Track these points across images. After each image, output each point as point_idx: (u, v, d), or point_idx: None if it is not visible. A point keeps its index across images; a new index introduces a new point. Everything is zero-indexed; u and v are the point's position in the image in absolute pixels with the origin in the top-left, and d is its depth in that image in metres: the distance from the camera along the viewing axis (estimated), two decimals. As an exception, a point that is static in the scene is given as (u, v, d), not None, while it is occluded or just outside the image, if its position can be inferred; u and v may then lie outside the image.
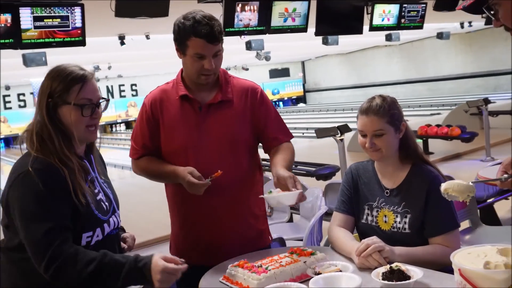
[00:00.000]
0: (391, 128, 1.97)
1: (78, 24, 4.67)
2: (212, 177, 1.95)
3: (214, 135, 2.07)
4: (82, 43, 4.78)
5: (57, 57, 4.51)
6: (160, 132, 2.13)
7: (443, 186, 1.57)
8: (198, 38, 1.95)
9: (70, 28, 4.63)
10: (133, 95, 22.52)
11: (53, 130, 1.67)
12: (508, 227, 4.03)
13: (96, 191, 1.76)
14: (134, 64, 16.22)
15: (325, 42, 8.45)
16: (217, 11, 5.47)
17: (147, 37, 8.28)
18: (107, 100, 1.79)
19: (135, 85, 22.86)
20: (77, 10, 4.64)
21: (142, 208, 6.12)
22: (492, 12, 1.29)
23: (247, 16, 5.52)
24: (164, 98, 2.15)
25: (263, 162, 2.87)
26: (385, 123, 1.96)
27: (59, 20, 4.56)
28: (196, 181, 1.96)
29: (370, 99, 2.02)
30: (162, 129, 2.12)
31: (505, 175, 1.48)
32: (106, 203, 1.78)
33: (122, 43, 8.07)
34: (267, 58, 13.89)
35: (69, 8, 4.58)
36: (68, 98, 1.68)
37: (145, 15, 5.00)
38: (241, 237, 2.13)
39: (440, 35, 12.13)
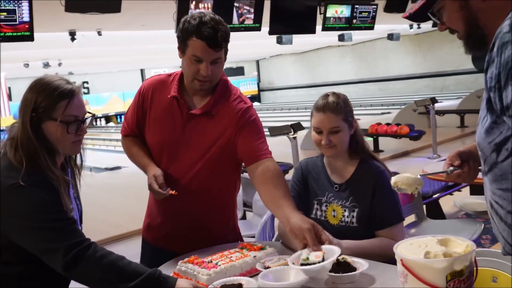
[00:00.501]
0: (345, 125, 2.01)
1: (26, 18, 4.53)
2: (169, 192, 1.96)
3: (192, 145, 2.03)
4: (30, 38, 4.64)
5: (6, 52, 4.37)
6: (145, 122, 2.11)
7: (393, 179, 1.60)
8: (199, 39, 1.87)
9: (17, 23, 4.49)
10: (85, 93, 21.99)
11: (39, 146, 1.63)
12: (451, 220, 4.20)
13: (71, 206, 1.74)
14: (85, 61, 15.86)
15: (279, 41, 8.53)
16: (171, 8, 5.42)
17: (99, 33, 8.13)
18: (93, 115, 1.75)
19: (87, 82, 22.35)
20: (25, 3, 4.50)
21: (91, 208, 6.01)
22: (436, 17, 1.35)
23: (201, 14, 5.50)
24: (160, 90, 2.09)
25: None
26: (341, 120, 2.00)
27: (5, 13, 4.41)
28: (156, 189, 1.96)
29: (324, 96, 2.05)
30: (148, 121, 2.10)
31: (451, 168, 1.53)
32: (76, 216, 1.79)
33: (73, 39, 7.87)
34: (222, 57, 13.84)
35: (16, 1, 4.44)
36: (53, 114, 1.63)
37: (96, 11, 4.91)
38: (221, 232, 2.16)
39: (390, 36, 12.45)
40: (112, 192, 7.59)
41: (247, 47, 16.65)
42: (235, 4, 5.77)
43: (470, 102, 11.91)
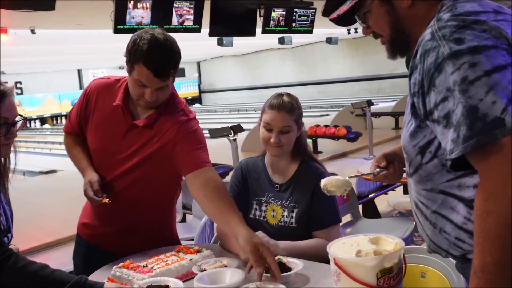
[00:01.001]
0: (295, 126, 2.04)
1: (-50, 14, 4.28)
2: (103, 201, 1.93)
3: (131, 154, 1.98)
4: (-45, 35, 4.38)
5: None
6: (87, 125, 2.07)
7: (323, 182, 1.64)
8: (146, 68, 1.80)
9: None
10: (17, 94, 21.04)
11: None
12: (385, 219, 4.35)
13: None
14: (18, 60, 15.18)
15: (220, 43, 8.53)
16: (108, 7, 5.29)
17: (33, 31, 7.80)
18: (25, 118, 1.67)
19: (20, 82, 21.41)
20: (-51, -1, 4.25)
21: (24, 214, 5.77)
22: (362, 20, 1.38)
23: (140, 13, 5.41)
24: (104, 95, 2.04)
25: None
26: (292, 121, 2.02)
27: None
28: (90, 195, 1.92)
29: (278, 95, 2.06)
30: (90, 125, 2.06)
31: (377, 169, 1.58)
32: (4, 222, 1.72)
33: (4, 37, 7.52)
34: (162, 58, 13.67)
35: None
36: None
37: (29, 8, 4.70)
38: (153, 238, 2.12)
39: (329, 40, 12.73)
40: (47, 197, 7.30)
41: (188, 49, 16.52)
42: (175, 4, 5.70)
43: (404, 104, 12.20)
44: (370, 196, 4.69)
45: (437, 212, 1.27)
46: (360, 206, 4.03)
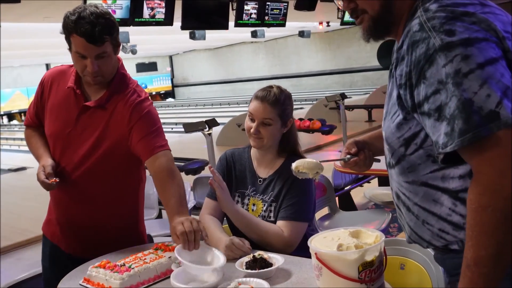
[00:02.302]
0: (279, 121, 2.01)
1: None
2: (51, 181, 1.89)
3: (85, 138, 1.97)
4: None
5: None
6: (44, 113, 2.07)
7: (294, 164, 1.62)
8: (78, 36, 1.83)
9: None
10: (-17, 89, 20.51)
11: None
12: (362, 211, 4.38)
13: None
14: (-17, 54, 14.76)
15: (192, 36, 8.45)
16: (75, 0, 5.18)
17: (-3, 25, 7.58)
18: None
19: (-15, 78, 20.86)
20: None
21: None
22: None
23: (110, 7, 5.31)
24: (58, 80, 2.05)
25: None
26: (275, 115, 1.99)
27: None
28: (42, 179, 1.88)
29: (268, 87, 2.05)
30: (45, 112, 2.06)
31: (348, 156, 1.57)
32: None
33: (-32, 31, 7.29)
34: (134, 52, 13.48)
35: None
36: None
37: (-7, 1, 4.57)
38: (116, 236, 2.06)
39: (301, 34, 12.74)
40: (17, 195, 7.14)
41: (160, 42, 16.33)
42: (146, -2, 5.63)
43: (376, 97, 12.51)
44: (346, 188, 4.72)
45: (419, 204, 1.27)
46: (336, 199, 4.05)
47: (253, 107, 2.02)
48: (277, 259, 1.68)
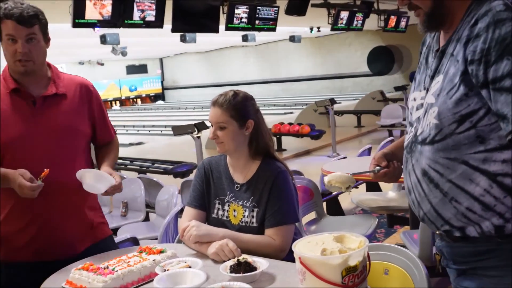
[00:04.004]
0: (234, 123, 2.01)
1: None
2: (41, 177, 1.84)
3: (52, 128, 2.00)
4: None
5: None
6: None
7: (327, 178, 1.66)
8: (8, 19, 1.91)
9: None
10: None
11: None
12: (349, 216, 4.40)
13: None
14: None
15: (183, 39, 8.44)
16: (66, 1, 5.15)
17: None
18: None
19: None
20: None
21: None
22: None
23: (100, 8, 5.28)
24: None
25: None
26: (228, 117, 2.00)
27: None
28: (28, 184, 1.82)
29: (224, 93, 2.06)
30: None
31: (378, 167, 1.62)
32: None
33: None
34: (124, 54, 13.48)
35: None
36: None
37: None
38: (78, 231, 2.06)
39: (292, 38, 12.78)
40: None
41: (150, 45, 16.30)
42: (136, 0, 5.60)
43: (365, 103, 12.59)
44: (333, 193, 4.73)
45: (453, 181, 1.30)
46: (324, 204, 4.06)
47: (209, 113, 2.06)
48: (261, 263, 1.68)
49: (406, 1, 1.37)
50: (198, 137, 5.50)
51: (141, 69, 24.65)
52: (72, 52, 16.59)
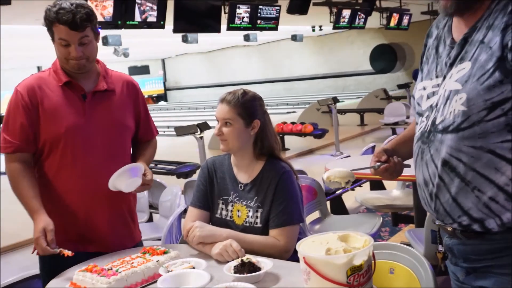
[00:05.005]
0: (240, 121, 2.00)
1: None
2: (62, 251, 1.80)
3: (101, 122, 2.05)
4: None
5: None
6: (39, 120, 2.00)
7: (326, 174, 1.65)
8: (60, 24, 1.92)
9: None
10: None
11: None
12: (353, 215, 4.38)
13: None
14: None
15: (185, 40, 8.45)
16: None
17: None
18: None
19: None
20: None
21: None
22: None
23: (101, 9, 5.28)
24: (43, 85, 2.04)
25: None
26: (235, 114, 1.99)
27: None
28: (43, 246, 1.82)
29: (233, 91, 2.06)
30: (43, 115, 2.00)
31: (378, 163, 1.60)
32: None
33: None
34: (126, 55, 13.50)
35: None
36: None
37: (-17, 2, 4.53)
38: (119, 227, 2.14)
39: (294, 37, 12.78)
40: (5, 198, 7.09)
41: (152, 45, 16.30)
42: (137, 0, 5.60)
43: (368, 101, 12.56)
44: (337, 192, 4.71)
45: (477, 170, 1.29)
46: (328, 203, 4.05)
47: (216, 109, 2.05)
48: (265, 263, 1.67)
49: None
50: (201, 138, 5.50)
51: (143, 70, 24.66)
52: (75, 54, 16.61)
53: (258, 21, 7.45)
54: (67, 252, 1.81)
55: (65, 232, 1.97)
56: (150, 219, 4.37)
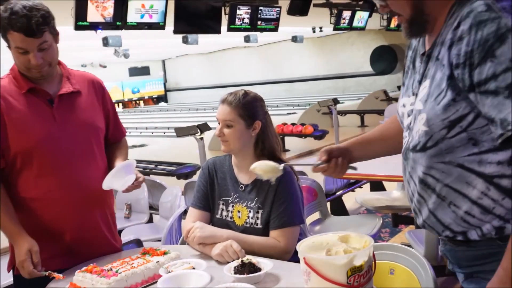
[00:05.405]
0: (241, 122, 2.00)
1: None
2: (52, 274, 1.73)
3: (73, 126, 1.95)
4: None
5: None
6: (6, 132, 1.85)
7: (253, 164, 1.70)
8: (15, 31, 1.76)
9: None
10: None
11: None
12: (353, 216, 4.38)
13: None
14: None
15: (185, 41, 8.44)
16: (68, 4, 5.15)
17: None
18: None
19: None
20: None
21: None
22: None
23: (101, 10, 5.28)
24: (5, 93, 1.89)
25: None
26: (236, 115, 1.99)
27: None
28: (30, 269, 1.73)
29: (234, 91, 2.06)
30: (10, 127, 1.85)
31: (317, 162, 1.61)
32: None
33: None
34: (126, 56, 13.49)
35: None
36: None
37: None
38: (100, 234, 2.03)
39: (294, 39, 12.77)
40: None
41: (152, 47, 16.31)
42: (137, 1, 5.60)
43: (368, 103, 12.57)
44: (337, 193, 4.72)
45: (450, 185, 1.28)
46: (328, 204, 4.05)
47: (217, 110, 2.05)
48: (265, 264, 1.67)
49: (387, 9, 1.36)
50: (201, 138, 5.50)
51: (144, 71, 24.66)
52: (74, 55, 16.63)
53: (259, 22, 7.45)
54: (58, 276, 1.72)
55: (51, 248, 1.87)
56: (150, 220, 4.37)
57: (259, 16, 7.39)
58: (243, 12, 7.14)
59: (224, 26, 6.94)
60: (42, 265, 1.78)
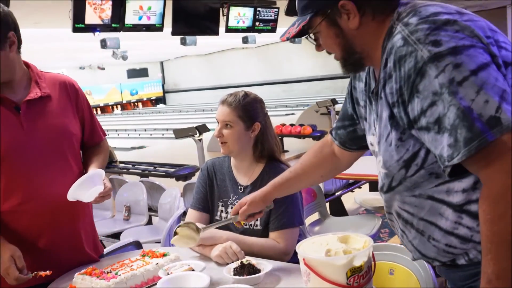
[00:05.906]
0: (240, 123, 2.00)
1: None
2: (38, 274, 1.66)
3: (43, 133, 1.81)
4: None
5: None
6: None
7: (178, 229, 1.76)
8: None
9: None
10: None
11: None
12: (352, 216, 4.38)
13: None
14: None
15: (183, 42, 8.43)
16: (66, 5, 5.15)
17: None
18: None
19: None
20: None
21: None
22: (314, 39, 1.35)
23: (99, 12, 5.28)
24: None
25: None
26: (235, 117, 1.99)
27: None
28: (16, 275, 1.62)
29: (235, 92, 2.06)
30: None
31: (233, 216, 1.78)
32: None
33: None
34: (124, 58, 13.50)
35: None
36: None
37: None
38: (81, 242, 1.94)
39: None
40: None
41: (150, 48, 16.31)
42: (135, 3, 5.60)
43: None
44: (337, 194, 4.72)
45: (424, 219, 1.25)
46: (327, 204, 4.05)
47: (217, 111, 2.05)
48: (265, 265, 1.67)
49: (321, 49, 1.35)
50: (200, 140, 5.50)
51: (142, 72, 24.67)
52: (73, 57, 16.64)
53: (257, 23, 7.45)
54: (45, 272, 1.66)
55: (25, 260, 1.70)
56: (149, 222, 4.37)
57: (257, 17, 7.40)
58: (241, 12, 7.16)
59: (222, 27, 6.94)
60: None
